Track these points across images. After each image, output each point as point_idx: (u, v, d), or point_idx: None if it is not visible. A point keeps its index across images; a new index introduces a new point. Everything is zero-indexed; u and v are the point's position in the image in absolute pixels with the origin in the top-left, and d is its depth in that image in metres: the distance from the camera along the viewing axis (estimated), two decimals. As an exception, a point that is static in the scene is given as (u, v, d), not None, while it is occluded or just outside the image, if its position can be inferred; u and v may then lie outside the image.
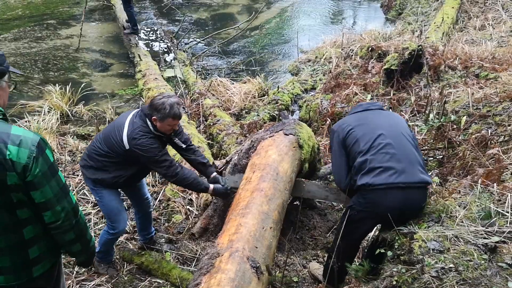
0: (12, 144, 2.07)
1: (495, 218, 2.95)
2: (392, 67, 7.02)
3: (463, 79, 6.66)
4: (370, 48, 8.52)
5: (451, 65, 7.14)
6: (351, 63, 8.50)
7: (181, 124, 6.40)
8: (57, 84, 8.01)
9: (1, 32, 10.86)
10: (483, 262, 2.63)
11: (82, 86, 8.14)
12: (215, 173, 4.13)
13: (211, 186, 3.98)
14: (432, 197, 3.63)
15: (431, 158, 5.27)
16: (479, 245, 2.75)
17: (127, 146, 3.60)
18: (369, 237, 4.21)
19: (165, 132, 3.72)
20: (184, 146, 3.97)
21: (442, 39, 8.89)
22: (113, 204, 3.93)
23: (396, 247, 3.06)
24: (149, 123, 3.63)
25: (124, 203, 4.72)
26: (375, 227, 3.82)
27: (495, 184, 3.47)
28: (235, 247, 2.65)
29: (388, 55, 7.56)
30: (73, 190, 5.38)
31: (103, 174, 3.78)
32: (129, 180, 3.89)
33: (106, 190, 3.86)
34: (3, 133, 2.09)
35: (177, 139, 3.91)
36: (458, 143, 5.11)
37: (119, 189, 4.07)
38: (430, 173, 4.83)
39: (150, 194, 5.40)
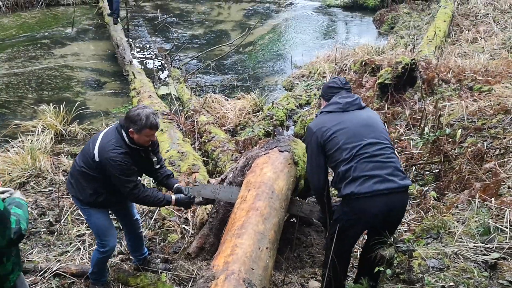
0: None
1: (494, 234, 2.92)
2: (386, 81, 7.03)
3: (457, 92, 6.68)
4: (363, 63, 8.55)
5: (445, 78, 7.17)
6: (345, 78, 8.49)
7: (176, 141, 6.45)
8: (51, 104, 7.97)
9: (-5, 52, 10.87)
10: (483, 279, 2.59)
11: (76, 105, 8.11)
12: (177, 184, 4.05)
13: (173, 197, 3.89)
14: (430, 213, 3.60)
15: (428, 172, 5.24)
16: (479, 262, 2.71)
17: (97, 158, 3.52)
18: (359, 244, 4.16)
19: (143, 144, 3.63)
20: (157, 167, 3.94)
21: (434, 52, 8.94)
22: (101, 221, 3.86)
23: (395, 265, 3.01)
24: (124, 135, 3.55)
25: (115, 223, 4.66)
26: (362, 234, 3.79)
27: (492, 198, 3.44)
28: (231, 269, 2.60)
29: (382, 69, 7.58)
30: (68, 210, 5.33)
31: (81, 192, 3.72)
32: (110, 198, 3.79)
33: (93, 208, 3.79)
34: None
35: (155, 157, 3.85)
36: (454, 156, 5.09)
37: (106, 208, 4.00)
38: (427, 188, 4.81)
39: (145, 213, 5.37)
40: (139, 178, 3.74)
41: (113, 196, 3.79)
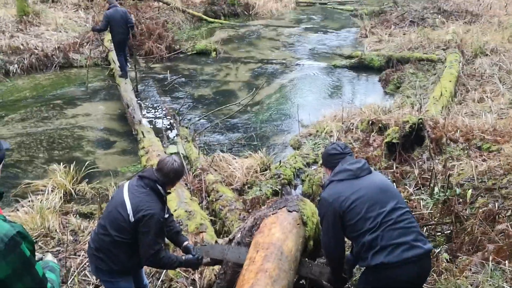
0: None
1: (510, 298, 2.84)
2: (394, 140, 7.06)
3: (466, 152, 6.68)
4: (370, 122, 8.63)
5: (453, 137, 7.19)
6: (352, 137, 8.58)
7: (183, 200, 6.44)
8: (61, 163, 8.07)
9: (9, 113, 11.09)
10: None
11: (86, 164, 8.19)
12: (186, 242, 4.03)
13: (183, 258, 3.86)
14: (443, 276, 3.52)
15: (439, 233, 5.16)
16: (496, 329, 2.62)
17: (132, 218, 3.48)
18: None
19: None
20: (167, 216, 3.88)
21: (441, 112, 9.02)
22: None
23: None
24: (161, 189, 3.62)
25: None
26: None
27: (506, 261, 3.37)
28: (240, 336, 2.53)
29: (389, 128, 7.64)
30: (75, 270, 5.26)
31: (115, 262, 3.63)
32: (140, 259, 3.72)
33: (123, 278, 3.72)
34: None
35: (166, 206, 3.85)
36: (465, 217, 5.02)
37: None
38: (439, 249, 4.71)
39: (152, 274, 5.28)
40: None
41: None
